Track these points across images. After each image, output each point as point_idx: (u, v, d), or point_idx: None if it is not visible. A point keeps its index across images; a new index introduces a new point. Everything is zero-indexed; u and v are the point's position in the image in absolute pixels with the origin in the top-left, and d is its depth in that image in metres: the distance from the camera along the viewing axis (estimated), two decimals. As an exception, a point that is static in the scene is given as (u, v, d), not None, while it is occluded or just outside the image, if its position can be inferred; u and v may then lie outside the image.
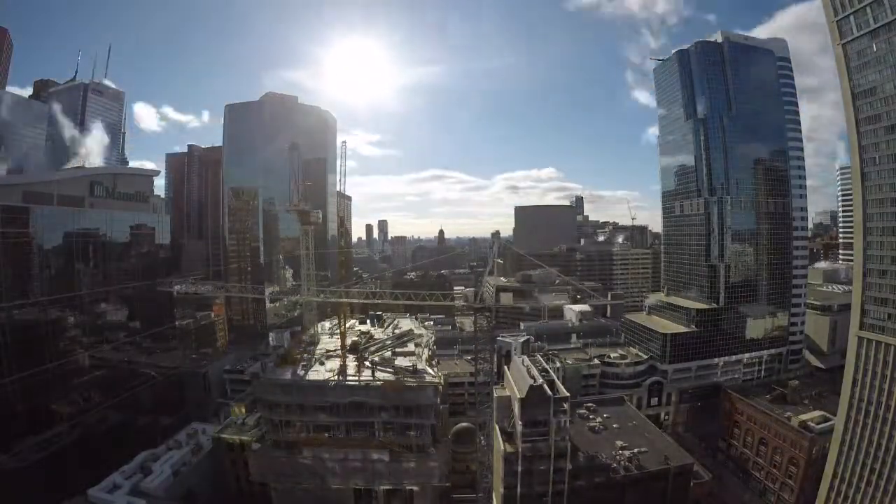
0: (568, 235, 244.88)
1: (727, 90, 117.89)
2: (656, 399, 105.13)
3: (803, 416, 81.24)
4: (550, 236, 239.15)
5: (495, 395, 65.11)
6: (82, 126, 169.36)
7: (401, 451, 59.41)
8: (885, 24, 60.85)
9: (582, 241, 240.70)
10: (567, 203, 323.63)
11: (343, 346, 65.95)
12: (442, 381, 64.11)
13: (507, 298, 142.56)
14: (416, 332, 78.07)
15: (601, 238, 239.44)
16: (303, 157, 70.41)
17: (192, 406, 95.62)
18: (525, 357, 75.41)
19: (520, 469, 58.85)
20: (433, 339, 79.05)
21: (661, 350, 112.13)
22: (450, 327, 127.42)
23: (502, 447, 60.79)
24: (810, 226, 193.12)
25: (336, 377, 59.81)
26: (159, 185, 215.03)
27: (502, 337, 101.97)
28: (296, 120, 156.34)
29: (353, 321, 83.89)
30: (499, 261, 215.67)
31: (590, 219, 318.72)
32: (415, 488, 60.65)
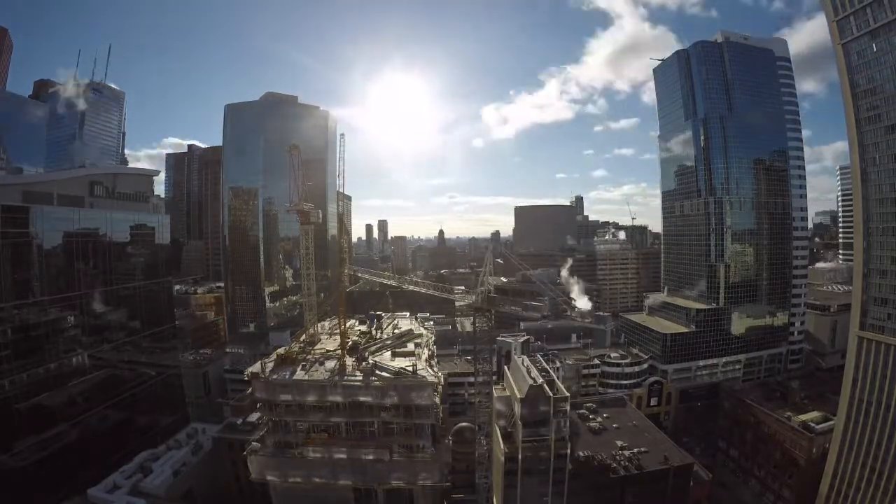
0: (568, 235, 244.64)
1: (727, 90, 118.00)
2: (656, 399, 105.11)
3: (803, 416, 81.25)
4: (550, 236, 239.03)
5: (495, 394, 65.14)
6: (82, 126, 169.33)
7: (401, 451, 59.37)
8: (885, 23, 60.87)
9: (581, 241, 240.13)
10: (567, 203, 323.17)
11: (343, 345, 65.91)
12: (441, 381, 64.04)
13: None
14: (415, 332, 77.94)
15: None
16: (303, 157, 70.05)
17: (191, 406, 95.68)
18: (525, 357, 75.36)
19: (519, 469, 58.80)
20: (433, 339, 78.98)
21: (661, 350, 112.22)
22: (449, 327, 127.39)
23: (502, 447, 60.77)
24: (810, 226, 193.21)
25: (336, 377, 59.76)
26: (159, 185, 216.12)
27: (502, 337, 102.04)
28: (296, 120, 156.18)
29: (352, 321, 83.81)
30: (499, 261, 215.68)
31: (590, 218, 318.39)
32: (415, 488, 60.59)
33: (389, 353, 67.35)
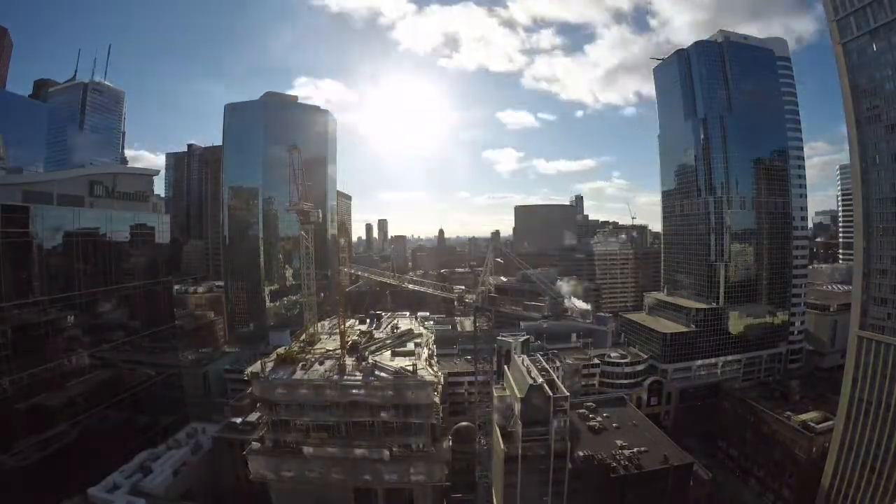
0: (567, 235, 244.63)
1: (727, 90, 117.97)
2: (656, 399, 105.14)
3: (803, 416, 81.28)
4: (550, 235, 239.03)
5: (495, 394, 65.23)
6: (82, 126, 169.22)
7: (400, 451, 59.44)
8: (885, 23, 60.89)
9: (581, 240, 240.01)
10: (567, 202, 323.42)
11: (343, 345, 65.95)
12: (441, 381, 64.10)
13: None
14: (415, 331, 78.01)
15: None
16: (303, 156, 70.06)
17: (191, 406, 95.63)
18: (525, 357, 75.38)
19: (519, 469, 58.83)
20: (433, 338, 79.05)
21: (661, 349, 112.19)
22: (449, 327, 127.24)
23: (502, 446, 60.80)
24: (810, 226, 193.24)
25: (335, 376, 59.80)
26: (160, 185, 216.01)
27: (502, 336, 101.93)
28: (296, 120, 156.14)
29: (352, 321, 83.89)
30: (499, 260, 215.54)
31: (590, 217, 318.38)
32: (414, 488, 60.64)
33: (389, 352, 67.42)
